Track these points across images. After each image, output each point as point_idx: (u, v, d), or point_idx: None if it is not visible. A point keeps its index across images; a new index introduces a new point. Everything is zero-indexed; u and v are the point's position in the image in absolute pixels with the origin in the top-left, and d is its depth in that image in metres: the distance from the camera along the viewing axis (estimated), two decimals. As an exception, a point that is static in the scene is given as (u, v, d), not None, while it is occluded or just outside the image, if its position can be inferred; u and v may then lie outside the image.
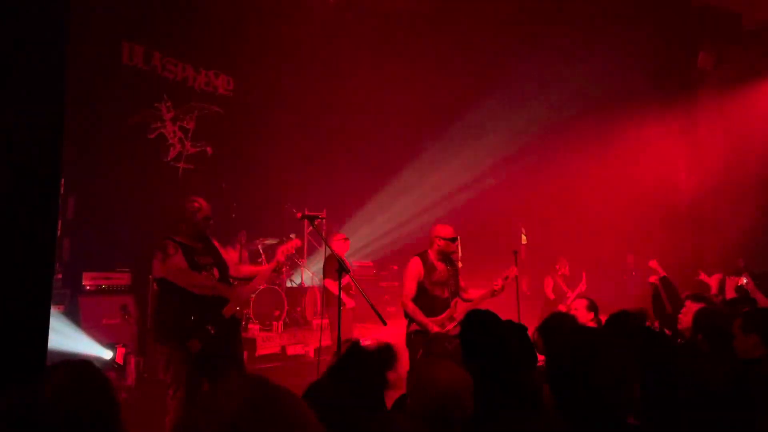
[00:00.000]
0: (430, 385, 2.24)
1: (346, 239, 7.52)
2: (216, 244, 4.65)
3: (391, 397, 2.83)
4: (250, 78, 9.68)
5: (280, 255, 4.64)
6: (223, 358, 4.32)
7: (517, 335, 2.86)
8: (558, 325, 3.46)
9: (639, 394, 1.72)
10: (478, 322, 2.95)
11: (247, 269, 4.79)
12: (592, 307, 4.94)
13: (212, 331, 4.26)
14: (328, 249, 5.68)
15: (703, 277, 7.61)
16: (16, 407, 1.55)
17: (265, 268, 4.78)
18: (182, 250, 4.31)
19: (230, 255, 4.84)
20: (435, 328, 4.98)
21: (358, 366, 2.75)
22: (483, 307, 3.14)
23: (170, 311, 4.26)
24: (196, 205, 4.44)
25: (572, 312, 4.95)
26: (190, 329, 4.21)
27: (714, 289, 7.25)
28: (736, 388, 1.92)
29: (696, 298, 4.57)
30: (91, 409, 1.65)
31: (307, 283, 9.33)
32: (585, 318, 4.80)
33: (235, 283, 4.66)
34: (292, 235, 4.55)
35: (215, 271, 4.46)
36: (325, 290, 7.23)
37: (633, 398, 1.71)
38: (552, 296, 9.16)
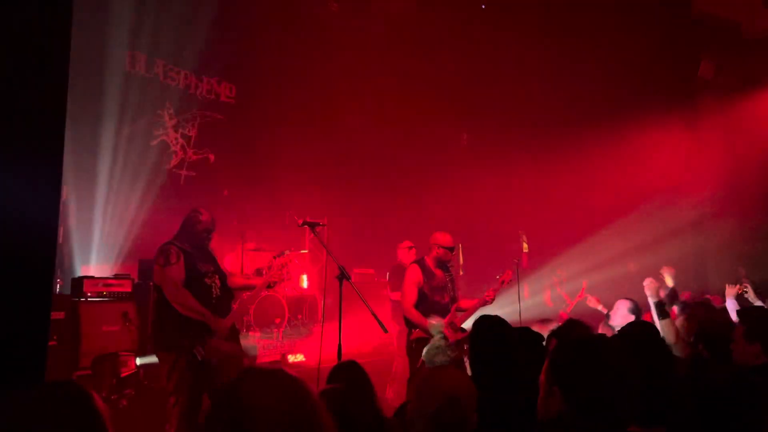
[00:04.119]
0: (432, 393, 2.19)
1: (412, 247, 7.22)
2: (212, 253, 4.68)
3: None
4: (252, 85, 9.69)
5: (273, 274, 4.68)
6: (227, 364, 4.31)
7: (528, 343, 2.85)
8: (568, 332, 3.43)
9: (641, 402, 1.72)
10: (488, 328, 2.93)
11: (240, 281, 4.81)
12: (635, 310, 4.73)
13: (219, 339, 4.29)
14: (330, 256, 5.63)
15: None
16: None
17: (259, 283, 4.78)
18: (185, 257, 4.31)
19: (226, 265, 4.87)
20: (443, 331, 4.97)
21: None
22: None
23: (174, 318, 4.24)
24: (197, 217, 4.47)
25: (612, 312, 4.82)
26: (196, 336, 4.21)
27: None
28: (740, 396, 1.92)
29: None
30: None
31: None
32: (626, 321, 4.46)
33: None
34: (286, 252, 4.50)
35: (217, 279, 4.48)
36: (392, 303, 6.89)
37: (636, 406, 1.71)
38: (550, 304, 9.13)
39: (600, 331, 4.85)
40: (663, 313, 4.15)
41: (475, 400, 2.18)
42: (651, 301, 4.32)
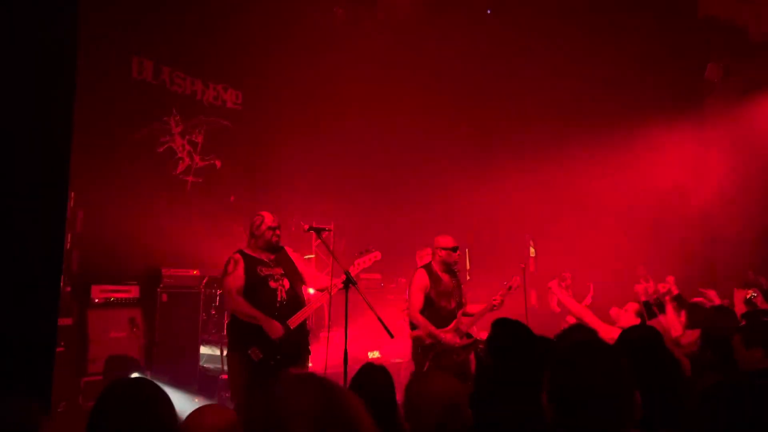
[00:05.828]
0: (427, 399, 2.21)
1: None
2: (291, 255, 4.86)
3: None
4: (258, 92, 9.73)
5: (357, 268, 4.89)
6: (287, 366, 4.45)
7: (543, 347, 2.85)
8: (567, 336, 3.43)
9: (640, 408, 1.71)
10: (510, 329, 2.93)
11: (325, 282, 4.92)
12: (641, 314, 4.70)
13: (276, 341, 4.40)
14: (336, 262, 5.64)
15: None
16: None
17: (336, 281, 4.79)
18: (245, 263, 4.56)
19: (308, 267, 5.10)
20: (448, 338, 4.97)
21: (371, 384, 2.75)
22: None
23: (237, 321, 4.50)
24: (259, 218, 4.74)
25: (622, 314, 4.79)
26: (254, 337, 4.36)
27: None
28: (740, 402, 1.91)
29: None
30: (146, 427, 1.66)
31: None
32: (632, 324, 4.31)
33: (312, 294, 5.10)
34: (371, 248, 4.58)
35: (285, 282, 4.64)
36: None
37: (634, 412, 1.70)
38: (557, 309, 9.09)
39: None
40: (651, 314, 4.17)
41: (467, 403, 2.21)
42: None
